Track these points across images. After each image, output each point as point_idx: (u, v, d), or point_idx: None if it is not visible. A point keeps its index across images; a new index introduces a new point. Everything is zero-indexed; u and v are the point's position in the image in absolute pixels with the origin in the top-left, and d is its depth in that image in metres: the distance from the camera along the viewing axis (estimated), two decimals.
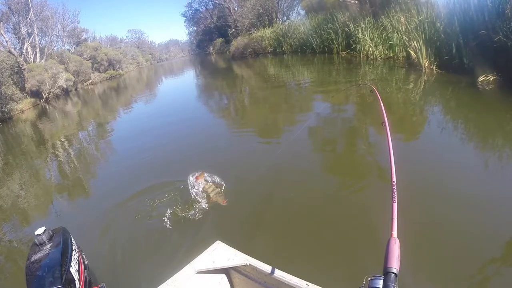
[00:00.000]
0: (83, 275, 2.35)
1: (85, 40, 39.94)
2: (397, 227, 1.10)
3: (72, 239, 2.49)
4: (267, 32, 25.02)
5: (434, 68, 8.83)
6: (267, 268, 1.72)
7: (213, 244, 1.98)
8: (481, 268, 2.39)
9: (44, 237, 2.32)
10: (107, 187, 5.42)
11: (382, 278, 0.95)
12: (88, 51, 36.46)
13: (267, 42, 24.58)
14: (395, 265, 0.96)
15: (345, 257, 2.71)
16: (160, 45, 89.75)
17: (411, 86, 8.21)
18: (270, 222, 3.52)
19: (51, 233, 2.40)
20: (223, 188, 4.09)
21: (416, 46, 9.33)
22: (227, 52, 35.30)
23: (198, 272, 1.82)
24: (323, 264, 2.62)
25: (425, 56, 9.09)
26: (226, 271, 1.96)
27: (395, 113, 6.30)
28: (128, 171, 5.87)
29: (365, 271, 1.06)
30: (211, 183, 4.03)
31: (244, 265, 1.81)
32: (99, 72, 37.28)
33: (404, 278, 1.26)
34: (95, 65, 36.83)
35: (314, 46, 18.01)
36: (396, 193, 1.21)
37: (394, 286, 0.91)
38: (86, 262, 2.58)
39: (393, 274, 0.94)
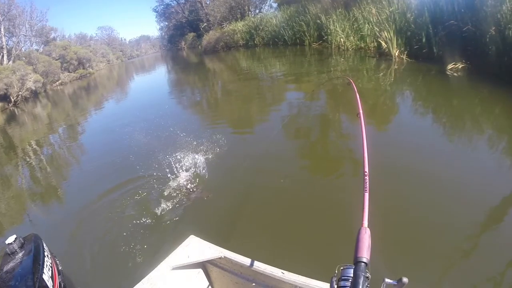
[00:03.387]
0: (57, 281, 2.29)
1: (54, 39, 38.09)
2: (369, 216, 1.09)
3: (44, 245, 2.42)
4: (239, 25, 24.77)
5: (404, 57, 8.92)
6: (242, 259, 1.73)
7: (187, 239, 1.96)
8: (452, 254, 2.42)
9: (16, 246, 2.28)
10: (78, 189, 5.26)
11: (353, 267, 0.94)
12: (57, 50, 34.70)
13: (239, 35, 24.34)
14: (365, 254, 0.96)
15: (320, 246, 2.69)
16: (131, 42, 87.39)
17: (382, 75, 8.24)
18: (244, 214, 3.49)
19: (22, 241, 2.36)
20: (206, 182, 4.10)
21: (387, 36, 9.40)
22: (199, 47, 34.84)
23: (174, 269, 1.78)
24: (298, 253, 2.62)
25: (395, 46, 9.17)
26: (202, 265, 1.95)
27: (368, 102, 6.28)
28: (99, 170, 5.71)
29: (339, 259, 1.05)
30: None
31: (219, 258, 1.80)
32: (69, 71, 35.51)
33: (377, 266, 1.23)
34: (65, 64, 35.07)
35: (286, 38, 18.02)
36: (368, 183, 1.20)
37: (364, 275, 0.90)
38: (60, 268, 2.50)
39: (363, 263, 0.93)
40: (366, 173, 1.24)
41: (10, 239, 2.27)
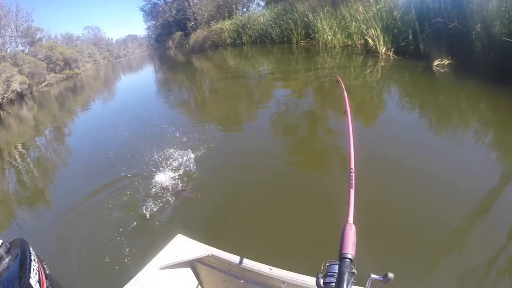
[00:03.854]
0: (45, 285, 2.26)
1: (40, 39, 36.89)
2: (355, 213, 1.11)
3: (31, 249, 2.39)
4: (227, 24, 24.63)
5: (391, 54, 8.95)
6: (229, 256, 1.74)
7: (174, 238, 1.94)
8: (438, 248, 2.40)
9: (2, 251, 2.24)
10: (65, 191, 5.10)
11: (338, 263, 0.95)
12: (43, 51, 33.63)
13: (226, 34, 24.18)
14: (350, 250, 0.96)
15: (308, 242, 2.68)
16: (118, 41, 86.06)
17: (369, 72, 8.24)
18: (232, 212, 3.46)
19: (9, 246, 2.32)
20: (193, 180, 4.07)
21: (374, 33, 9.43)
22: (186, 46, 34.48)
23: (162, 268, 1.76)
24: (285, 249, 2.63)
25: (382, 43, 9.19)
26: (190, 264, 1.94)
27: (355, 99, 6.28)
28: (86, 172, 5.57)
29: (327, 255, 1.05)
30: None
31: (207, 256, 1.81)
32: (55, 72, 34.46)
33: (363, 262, 1.18)
34: (51, 65, 34.03)
35: (274, 37, 17.97)
36: (353, 180, 1.22)
37: (349, 271, 0.91)
38: (47, 272, 2.47)
39: (348, 260, 0.94)
40: (352, 170, 1.26)
41: None
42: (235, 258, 1.71)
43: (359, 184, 1.21)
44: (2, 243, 2.27)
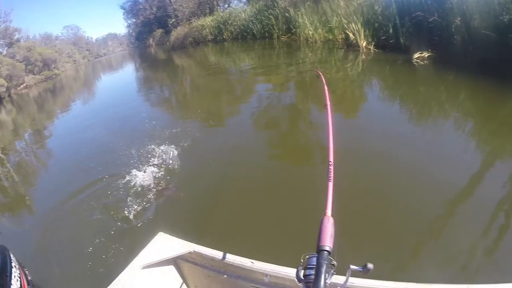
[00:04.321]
0: None
1: (18, 40, 35.43)
2: (334, 205, 1.11)
3: (12, 256, 2.34)
4: (208, 20, 24.33)
5: (372, 48, 8.97)
6: (212, 252, 1.73)
7: (155, 236, 1.89)
8: (417, 238, 2.42)
9: None
10: (46, 195, 4.90)
11: (317, 255, 0.96)
12: (21, 52, 32.10)
13: (207, 30, 23.89)
14: (327, 242, 0.97)
15: (290, 235, 2.68)
16: (98, 40, 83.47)
17: (350, 65, 8.25)
18: (214, 207, 3.45)
19: None
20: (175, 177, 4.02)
21: (355, 28, 9.44)
22: (167, 43, 33.96)
23: (144, 267, 1.72)
24: (268, 243, 2.62)
25: (363, 37, 9.21)
26: (173, 261, 1.89)
27: (336, 92, 6.26)
28: (67, 174, 5.35)
29: (308, 248, 1.05)
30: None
31: (189, 253, 1.79)
32: (34, 74, 33.01)
33: (343, 254, 1.07)
34: (29, 66, 32.43)
35: (255, 32, 17.84)
36: (332, 173, 1.23)
37: (327, 263, 0.92)
38: (29, 278, 2.43)
39: (326, 252, 0.95)
40: (330, 163, 1.27)
41: None
42: (217, 254, 1.71)
43: (340, 177, 1.24)
44: None
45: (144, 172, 4.11)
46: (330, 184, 1.18)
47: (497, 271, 2.08)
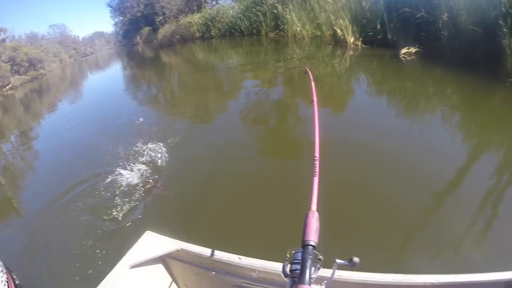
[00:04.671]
0: None
1: (3, 40, 34.64)
2: (319, 200, 1.11)
3: None
4: (196, 17, 24.13)
5: (360, 43, 8.97)
6: (199, 249, 1.73)
7: (143, 235, 1.87)
8: (403, 231, 2.42)
9: None
10: (32, 197, 4.78)
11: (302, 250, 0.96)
12: (6, 52, 31.15)
13: (195, 27, 23.69)
14: (312, 237, 0.97)
15: (277, 230, 2.65)
16: (84, 39, 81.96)
17: (338, 61, 8.25)
18: (202, 204, 3.41)
19: None
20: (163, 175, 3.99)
21: (342, 24, 9.43)
22: (155, 41, 33.65)
23: (132, 267, 1.71)
24: (256, 238, 2.62)
25: (350, 33, 9.19)
26: (161, 260, 1.88)
27: (324, 88, 6.24)
28: (54, 175, 5.19)
29: (295, 242, 1.04)
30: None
31: (177, 250, 1.78)
32: (20, 74, 32.06)
33: (330, 248, 1.03)
34: (15, 67, 31.62)
35: (243, 29, 17.75)
36: (317, 167, 1.24)
37: (312, 258, 0.92)
38: (17, 282, 2.36)
39: (311, 246, 0.95)
40: (316, 158, 1.29)
41: None
42: (205, 251, 1.71)
43: (327, 171, 1.28)
44: None
45: (132, 171, 4.04)
46: (316, 179, 1.19)
47: (484, 261, 2.08)
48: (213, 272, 1.73)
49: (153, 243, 1.82)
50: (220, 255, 1.67)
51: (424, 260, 2.12)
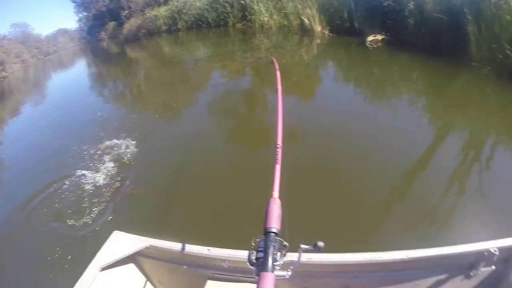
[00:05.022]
0: None
1: None
2: (281, 187, 1.11)
3: None
4: (162, 10, 23.54)
5: (327, 32, 8.94)
6: (169, 244, 1.70)
7: (111, 236, 1.81)
8: (368, 213, 2.44)
9: None
10: None
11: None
12: None
13: (161, 21, 23.12)
14: (274, 224, 0.98)
15: (246, 218, 2.52)
16: (47, 37, 78.25)
17: (305, 50, 8.23)
18: (170, 199, 3.32)
19: None
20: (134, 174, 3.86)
21: (310, 13, 9.38)
22: (120, 36, 32.70)
23: (103, 269, 1.65)
24: (225, 228, 2.61)
25: (318, 22, 9.15)
26: (131, 259, 1.82)
27: (291, 77, 6.13)
28: (15, 181, 4.87)
29: (261, 231, 0.99)
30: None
31: (146, 248, 1.75)
32: None
33: (295, 235, 1.03)
34: None
35: (210, 21, 17.37)
36: (279, 155, 1.25)
37: (273, 245, 0.92)
38: None
39: (273, 233, 0.96)
40: (278, 146, 1.29)
41: None
42: (174, 245, 1.68)
43: (294, 157, 1.44)
44: None
45: (98, 171, 3.89)
46: (278, 167, 1.19)
47: (452, 235, 2.13)
48: (185, 266, 1.73)
49: (121, 242, 1.78)
50: (189, 248, 1.65)
51: (393, 238, 2.14)
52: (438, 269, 1.33)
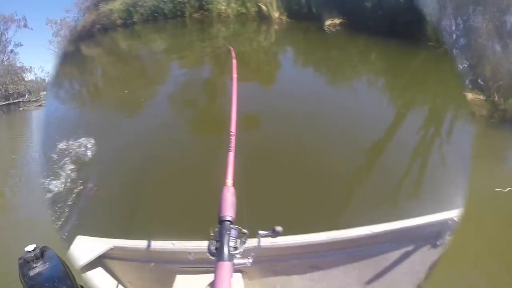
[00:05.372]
0: None
1: None
2: (234, 175, 1.15)
3: None
4: (117, 4, 22.66)
5: (285, 18, 8.93)
6: (133, 243, 1.73)
7: (74, 241, 1.80)
8: (326, 196, 2.44)
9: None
10: None
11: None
12: None
13: (116, 15, 22.36)
14: (228, 212, 1.00)
15: (206, 210, 2.24)
16: None
17: (263, 36, 8.57)
18: (134, 197, 3.23)
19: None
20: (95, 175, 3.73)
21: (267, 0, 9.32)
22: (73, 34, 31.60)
23: None
24: (189, 221, 2.55)
25: (275, 9, 9.13)
26: (98, 262, 1.80)
27: (249, 64, 6.07)
28: None
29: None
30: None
31: (111, 249, 1.75)
32: None
33: (253, 221, 1.03)
34: None
35: (166, 12, 16.91)
36: (233, 143, 1.29)
37: (228, 233, 0.93)
38: None
39: (227, 222, 0.97)
40: (232, 133, 1.38)
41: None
42: (138, 243, 1.69)
43: (253, 144, 1.49)
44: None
45: (58, 177, 3.58)
46: (231, 154, 1.24)
47: (418, 208, 2.06)
48: (152, 264, 1.74)
49: (85, 247, 1.76)
50: (154, 244, 1.68)
51: (359, 216, 2.09)
52: (405, 242, 1.36)
